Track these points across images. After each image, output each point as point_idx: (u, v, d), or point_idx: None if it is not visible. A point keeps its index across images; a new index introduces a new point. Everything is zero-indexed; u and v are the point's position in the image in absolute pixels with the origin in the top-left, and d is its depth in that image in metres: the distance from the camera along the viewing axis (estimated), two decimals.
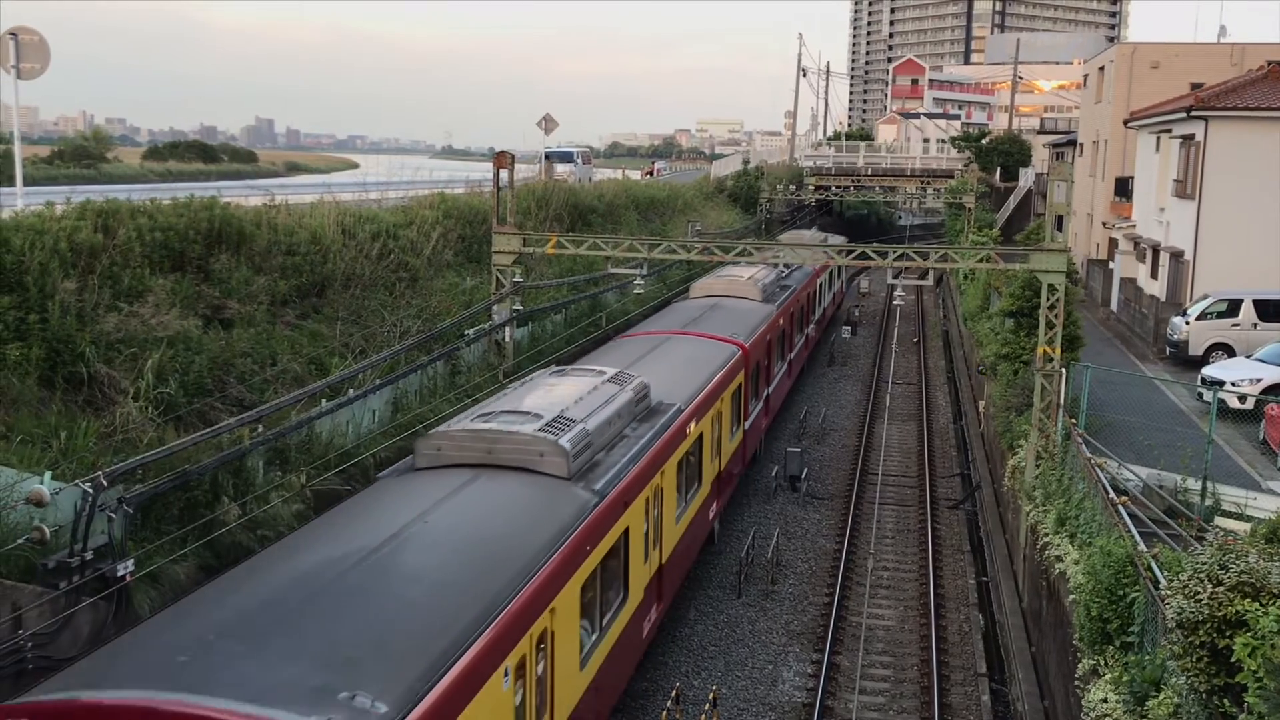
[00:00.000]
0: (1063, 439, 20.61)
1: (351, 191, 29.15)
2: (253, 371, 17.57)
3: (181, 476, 13.75)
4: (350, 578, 10.23)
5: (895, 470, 32.67)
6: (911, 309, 62.40)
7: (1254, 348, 29.29)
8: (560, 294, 29.34)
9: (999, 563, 23.45)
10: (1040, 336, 21.85)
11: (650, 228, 44.35)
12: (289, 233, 21.64)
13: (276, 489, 15.56)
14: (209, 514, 14.26)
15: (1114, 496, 15.66)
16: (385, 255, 24.05)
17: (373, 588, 10.18)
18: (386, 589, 10.22)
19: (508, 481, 13.66)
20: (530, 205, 32.94)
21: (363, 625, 9.42)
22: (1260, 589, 10.57)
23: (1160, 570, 12.38)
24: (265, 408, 15.83)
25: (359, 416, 18.44)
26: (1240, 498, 18.36)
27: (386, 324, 21.75)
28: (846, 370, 46.82)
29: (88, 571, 12.24)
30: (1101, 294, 47.41)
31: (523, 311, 25.07)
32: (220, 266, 19.22)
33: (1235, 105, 35.76)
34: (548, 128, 43.24)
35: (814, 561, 25.29)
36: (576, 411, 15.84)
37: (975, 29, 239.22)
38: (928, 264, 24.26)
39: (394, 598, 10.09)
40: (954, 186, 71.08)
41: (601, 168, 77.37)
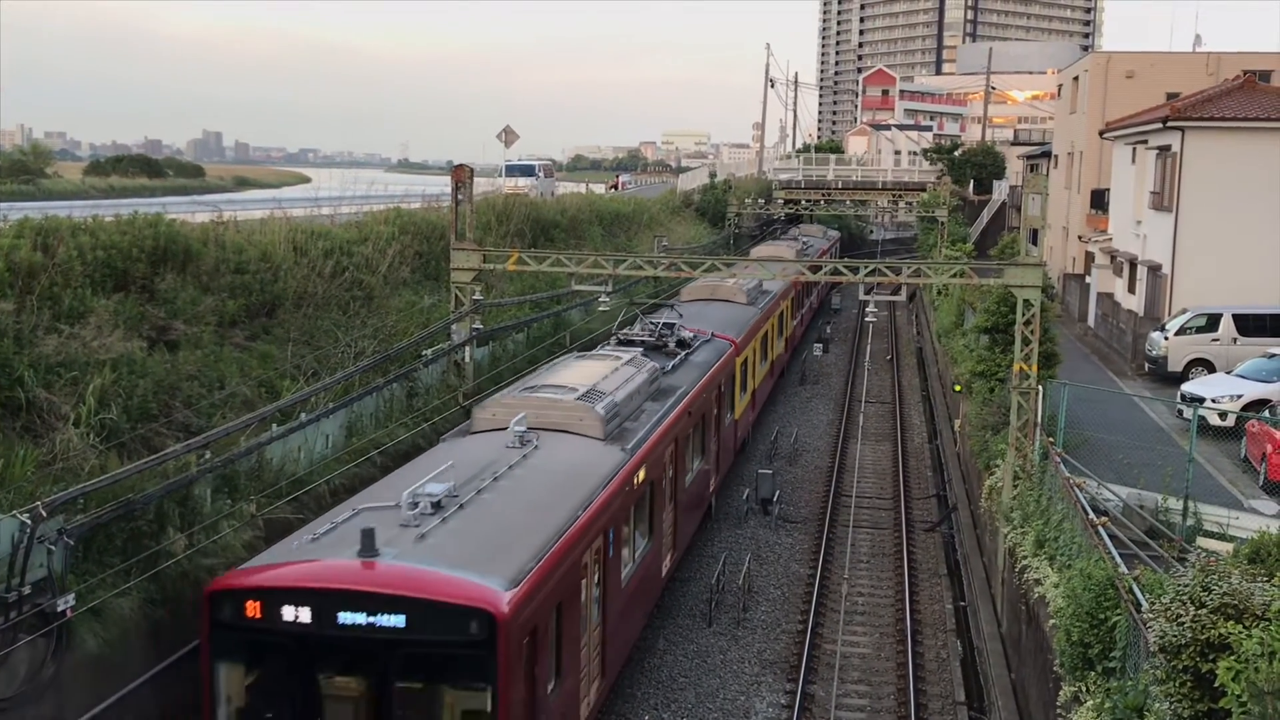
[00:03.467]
0: (1040, 458, 20.76)
1: (303, 207, 29.00)
2: (200, 395, 17.42)
3: (125, 506, 13.59)
4: (464, 498, 14.36)
5: (869, 492, 32.78)
6: (884, 326, 62.76)
7: (1234, 363, 29.60)
8: (522, 312, 29.29)
9: (977, 587, 23.54)
10: (1016, 353, 22.02)
11: (615, 243, 44.41)
12: (238, 250, 21.51)
13: (226, 518, 15.41)
14: (154, 545, 14.10)
15: (1093, 517, 15.78)
16: (339, 273, 23.93)
17: (486, 506, 14.47)
18: (496, 508, 14.52)
19: (555, 440, 17.66)
20: (490, 220, 32.91)
21: (487, 527, 13.85)
22: (1243, 611, 10.67)
23: (1142, 593, 12.48)
24: (213, 433, 15.69)
25: (312, 442, 18.31)
26: (1222, 517, 18.55)
27: (340, 345, 21.63)
28: (819, 389, 46.98)
29: (25, 607, 12.06)
30: (1078, 309, 47.88)
31: (483, 331, 25.00)
32: (166, 286, 19.06)
33: (1212, 116, 36.25)
34: (508, 140, 43.24)
35: (787, 587, 25.30)
36: (605, 386, 20.06)
37: (947, 38, 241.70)
38: (900, 279, 24.41)
39: (504, 512, 14.48)
40: (926, 200, 71.65)
41: (564, 181, 77.42)
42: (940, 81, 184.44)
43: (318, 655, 12.27)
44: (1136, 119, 41.74)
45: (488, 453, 16.56)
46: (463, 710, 12.42)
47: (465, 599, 12.17)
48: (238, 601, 12.25)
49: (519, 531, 14.05)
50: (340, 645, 12.17)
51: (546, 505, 15.15)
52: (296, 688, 12.32)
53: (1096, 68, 52.71)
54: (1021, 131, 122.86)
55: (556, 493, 15.72)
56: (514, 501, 14.95)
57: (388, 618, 12.02)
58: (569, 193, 54.42)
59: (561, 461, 16.95)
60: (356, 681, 12.36)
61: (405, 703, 12.20)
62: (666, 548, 21.89)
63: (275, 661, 12.41)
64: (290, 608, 12.09)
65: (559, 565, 13.99)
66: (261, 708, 12.45)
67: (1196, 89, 42.94)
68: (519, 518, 14.50)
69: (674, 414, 21.79)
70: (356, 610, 12.04)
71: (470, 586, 12.33)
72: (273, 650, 12.33)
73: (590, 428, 18.36)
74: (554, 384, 19.68)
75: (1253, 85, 39.37)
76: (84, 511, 13.22)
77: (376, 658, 12.15)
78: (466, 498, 14.43)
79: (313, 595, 12.12)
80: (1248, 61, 49.05)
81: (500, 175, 49.00)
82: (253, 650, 12.50)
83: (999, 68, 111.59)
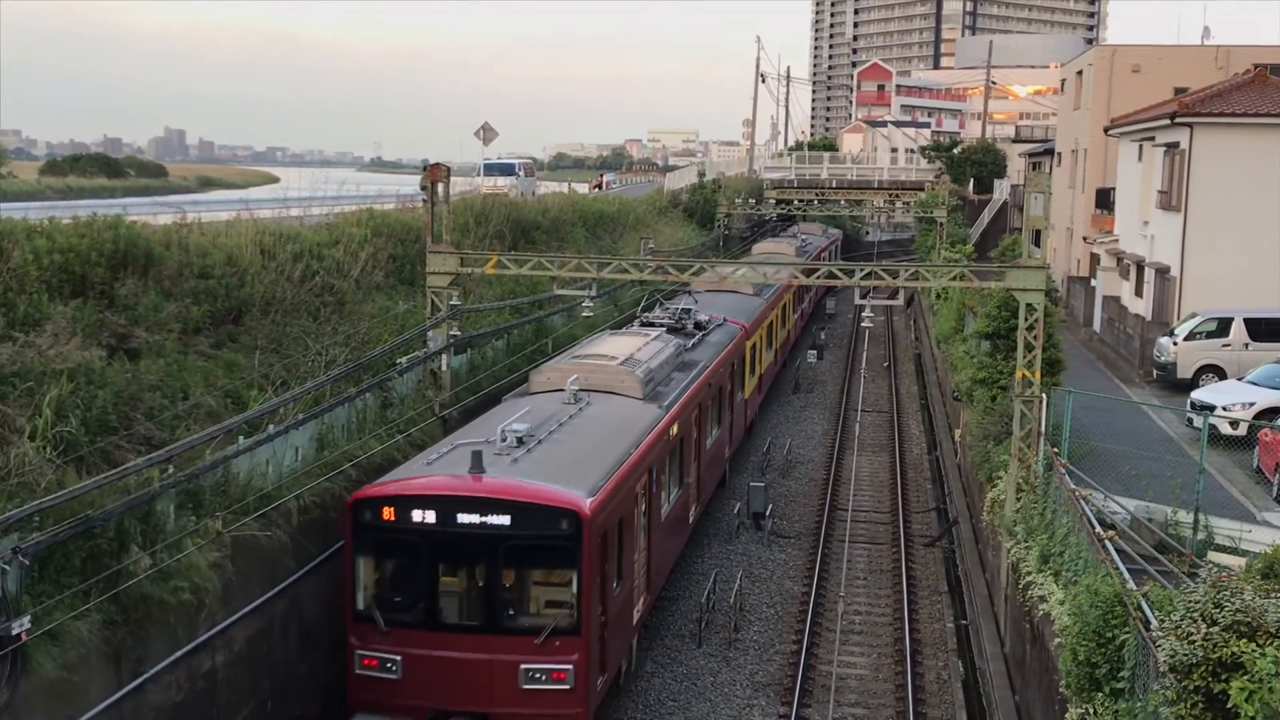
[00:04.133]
0: (1044, 470, 20.81)
1: (271, 208, 28.89)
2: (162, 406, 17.34)
3: (84, 523, 13.52)
4: (540, 436, 18.73)
5: (866, 505, 32.83)
6: (881, 331, 62.91)
7: (1246, 369, 29.70)
8: (502, 318, 29.25)
9: (979, 604, 23.58)
10: (1019, 360, 22.08)
11: (599, 245, 44.42)
12: (202, 254, 21.43)
13: (190, 535, 15.35)
14: (115, 564, 14.04)
15: (1100, 531, 15.81)
16: (309, 277, 23.87)
17: (559, 442, 18.88)
18: (566, 443, 18.97)
19: (602, 399, 22.03)
20: (468, 221, 32.87)
21: (567, 456, 18.30)
22: (1257, 628, 10.70)
23: (1151, 610, 12.50)
24: (176, 446, 15.63)
25: (280, 455, 18.25)
26: (1234, 530, 18.61)
27: (310, 353, 21.56)
28: (813, 398, 47.07)
29: None
30: (1083, 313, 48.06)
31: (461, 337, 24.97)
32: (126, 292, 18.98)
33: (1222, 111, 36.43)
34: (486, 138, 43.27)
35: (780, 606, 25.31)
36: (640, 355, 24.72)
37: (945, 31, 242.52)
38: (897, 283, 24.47)
39: (576, 445, 19.09)
40: (924, 199, 71.89)
41: (546, 181, 77.42)
42: (938, 76, 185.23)
43: (439, 548, 16.94)
44: (1143, 115, 41.94)
45: (548, 407, 20.86)
46: (553, 594, 17.19)
47: (557, 502, 16.82)
48: (375, 508, 16.88)
49: (588, 461, 18.54)
50: (458, 540, 16.83)
51: (605, 444, 19.73)
52: (422, 574, 17.06)
53: (1101, 62, 52.97)
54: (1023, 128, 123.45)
55: (610, 437, 20.26)
56: (579, 441, 19.50)
57: (496, 518, 16.65)
58: (551, 193, 54.41)
59: (610, 415, 21.44)
60: (471, 569, 17.11)
61: (511, 586, 17.19)
62: (693, 499, 26.50)
63: (405, 554, 17.23)
64: (419, 511, 16.76)
65: (620, 488, 18.55)
66: (393, 592, 17.43)
67: (1205, 84, 43.19)
68: (586, 452, 19.02)
69: (697, 384, 26.31)
70: (471, 512, 16.68)
71: (560, 493, 16.95)
72: (403, 546, 17.08)
73: (631, 389, 22.94)
74: (597, 354, 24.72)
75: (1264, 79, 39.56)
76: (40, 529, 13.14)
77: (487, 550, 16.87)
78: (542, 435, 18.86)
79: (437, 501, 16.80)
80: (1259, 55, 49.31)
81: (478, 174, 48.99)
82: (386, 546, 17.25)
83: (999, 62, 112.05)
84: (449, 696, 16.78)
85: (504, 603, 17.04)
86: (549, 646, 16.71)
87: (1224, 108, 36.63)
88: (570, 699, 16.80)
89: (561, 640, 16.77)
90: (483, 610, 17.07)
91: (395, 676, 16.87)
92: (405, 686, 16.86)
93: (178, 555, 14.96)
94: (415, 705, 16.76)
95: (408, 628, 16.98)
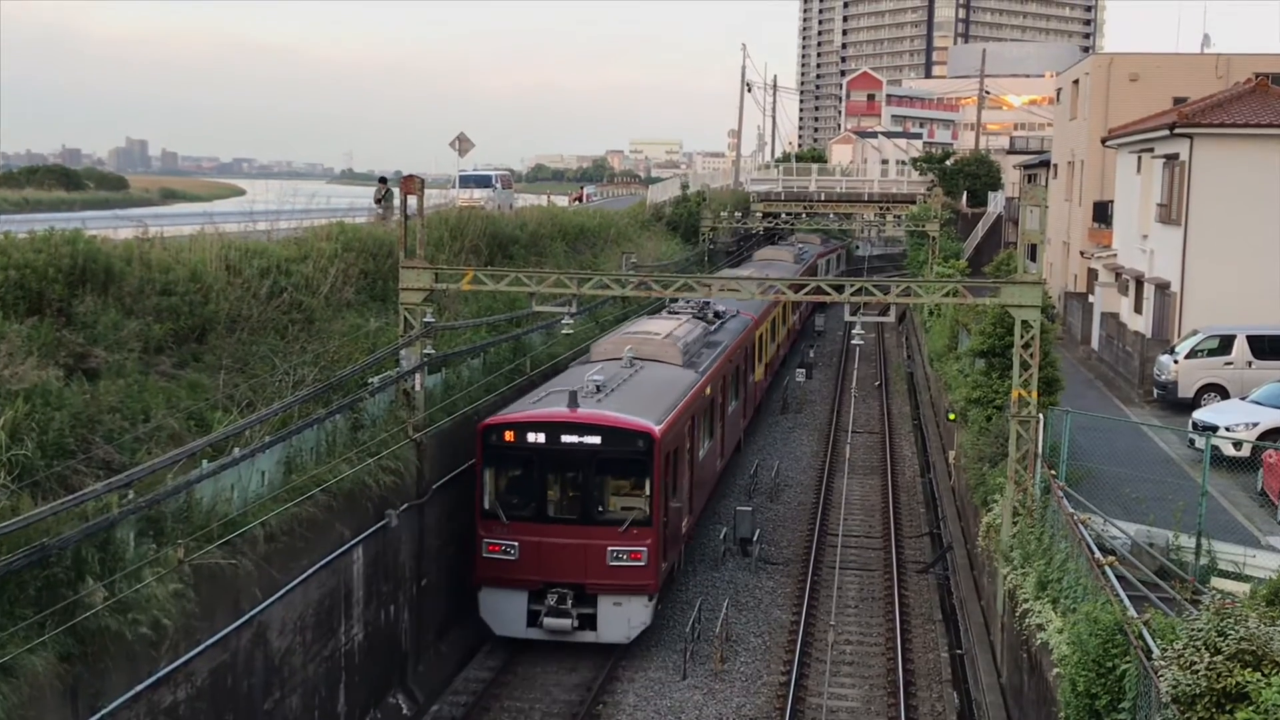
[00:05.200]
0: (1042, 493, 20.86)
1: (237, 221, 28.77)
2: (122, 429, 17.24)
3: (39, 551, 13.42)
4: (620, 381, 26.05)
5: (857, 530, 32.84)
6: (872, 349, 63.06)
7: (1249, 388, 29.84)
8: (478, 335, 29.19)
9: (974, 633, 23.60)
10: (1015, 378, 22.14)
11: (579, 260, 44.42)
12: (165, 269, 21.34)
13: (150, 564, 15.25)
14: (72, 594, 13.93)
15: (1100, 556, 15.85)
16: (276, 294, 23.78)
17: (626, 391, 25.69)
18: (632, 391, 25.83)
19: (651, 364, 28.89)
20: (443, 236, 32.81)
21: (635, 399, 24.98)
22: (1262, 657, 10.73)
23: (1152, 638, 12.52)
24: (137, 471, 15.53)
25: (246, 479, 18.15)
26: (1238, 555, 18.68)
27: (278, 372, 21.47)
28: (801, 418, 47.12)
29: None
30: (1081, 330, 48.27)
31: (435, 356, 24.92)
32: (85, 309, 18.88)
33: (1223, 121, 36.67)
34: (462, 149, 43.23)
35: (768, 635, 25.28)
36: (678, 333, 31.99)
37: (937, 39, 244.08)
38: (888, 299, 24.53)
39: (644, 388, 26.11)
40: (916, 213, 72.13)
41: (524, 193, 77.38)
42: (930, 85, 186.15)
43: (547, 461, 24.21)
44: (1141, 125, 42.22)
45: (611, 369, 27.46)
46: (631, 496, 24.35)
47: (635, 426, 24.07)
48: (500, 432, 24.12)
49: (650, 403, 25.63)
50: (561, 455, 24.06)
51: (659, 394, 26.74)
52: (534, 481, 24.39)
53: (1098, 70, 53.31)
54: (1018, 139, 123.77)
55: (662, 389, 27.20)
56: (640, 391, 26.52)
57: (590, 438, 23.85)
58: (529, 205, 54.40)
59: (659, 375, 28.35)
60: (571, 476, 24.36)
61: (600, 489, 24.35)
62: (719, 453, 33.08)
63: (521, 466, 24.49)
64: (532, 434, 23.94)
65: (675, 424, 25.56)
66: (511, 494, 24.50)
67: (1205, 93, 43.46)
68: (647, 397, 26.10)
69: (721, 359, 32.91)
70: (571, 434, 23.84)
71: (636, 421, 24.21)
72: (519, 459, 24.35)
73: (673, 357, 29.99)
74: (643, 330, 32.02)
75: (1266, 88, 39.86)
76: None
77: (583, 462, 24.00)
78: (613, 386, 25.90)
79: (546, 425, 23.98)
80: (1260, 63, 49.70)
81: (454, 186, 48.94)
82: (507, 460, 24.41)
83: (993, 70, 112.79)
84: (554, 572, 23.68)
85: (596, 501, 24.26)
86: (629, 534, 23.75)
87: (1225, 118, 36.87)
88: (644, 573, 23.81)
89: (638, 530, 23.81)
90: (580, 507, 24.23)
91: (513, 558, 23.83)
92: (520, 565, 23.82)
93: (137, 585, 14.85)
94: (528, 579, 23.80)
95: (523, 521, 23.97)
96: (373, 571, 21.15)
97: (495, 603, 24.10)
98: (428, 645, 23.87)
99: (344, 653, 20.11)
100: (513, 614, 24.01)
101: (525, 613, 23.89)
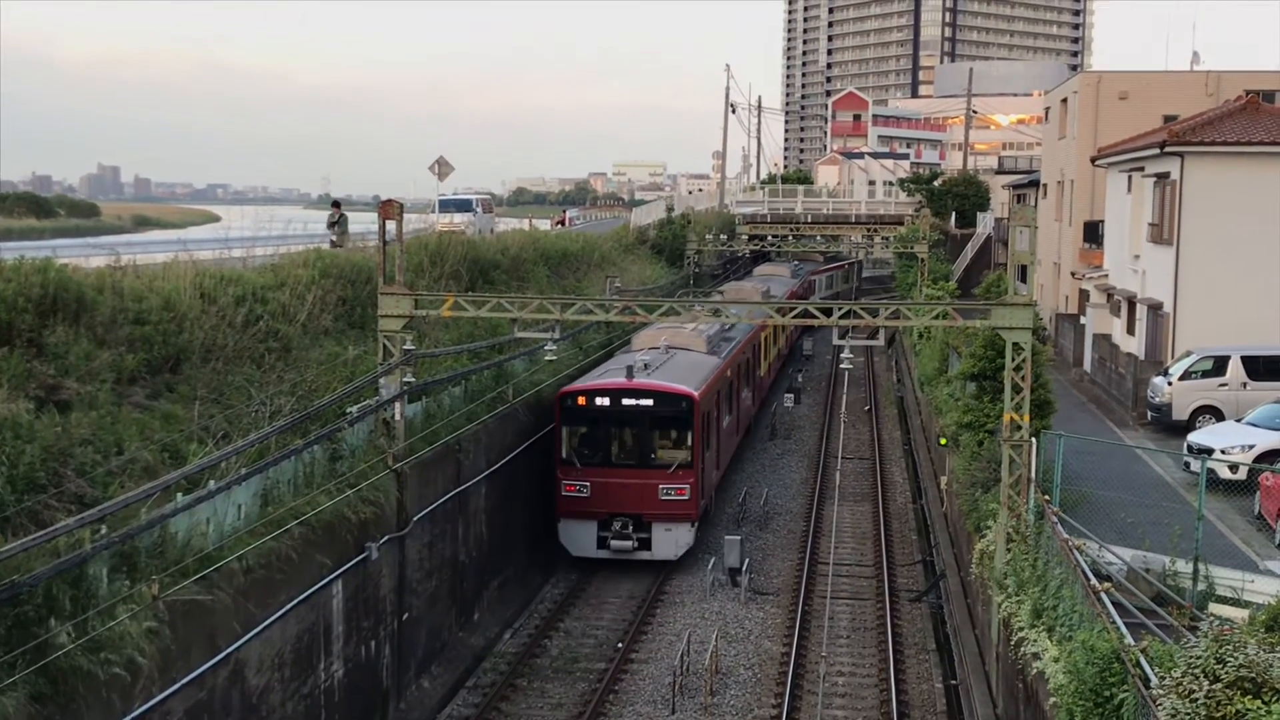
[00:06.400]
0: (1035, 518, 20.87)
1: (211, 249, 28.76)
2: (95, 462, 17.16)
3: (9, 589, 13.34)
4: (660, 362, 34.43)
5: (848, 559, 32.82)
6: (861, 373, 63.13)
7: (1244, 410, 29.93)
8: (459, 363, 29.17)
9: (969, 663, 23.57)
10: (1006, 402, 22.18)
11: (562, 285, 44.44)
12: (137, 298, 21.28)
13: (124, 601, 15.15)
14: (43, 633, 13.83)
15: (1095, 583, 15.86)
16: (252, 322, 23.74)
17: (667, 368, 33.94)
18: (672, 368, 34.13)
19: (681, 352, 36.21)
20: (423, 261, 32.82)
21: (675, 373, 33.74)
22: (1262, 684, 10.73)
23: (1150, 666, 12.52)
24: (110, 505, 15.45)
25: (222, 513, 18.08)
26: (1236, 580, 18.69)
27: (254, 403, 21.41)
28: (790, 444, 47.15)
29: None
30: (1073, 352, 48.39)
31: (415, 384, 24.88)
32: (56, 340, 18.82)
33: (1214, 140, 36.89)
34: (442, 173, 43.27)
35: (758, 668, 25.21)
36: (701, 327, 38.67)
37: (923, 58, 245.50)
38: (877, 322, 24.57)
39: (680, 367, 34.64)
40: (904, 234, 72.45)
41: (505, 217, 77.45)
42: (917, 105, 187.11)
43: (611, 419, 31.68)
44: (1131, 144, 42.47)
45: (651, 355, 35.14)
46: (677, 447, 31.88)
47: (679, 391, 31.78)
48: (574, 397, 31.65)
49: (687, 376, 33.52)
50: (622, 414, 31.60)
51: (693, 370, 34.53)
52: (601, 434, 31.79)
53: (1087, 88, 53.62)
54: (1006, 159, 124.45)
55: (695, 368, 34.99)
56: (679, 368, 34.29)
57: (645, 400, 31.38)
58: (510, 230, 54.47)
59: (691, 359, 36.14)
60: (630, 431, 31.87)
61: (653, 440, 31.85)
62: (735, 428, 40.65)
63: (590, 423, 31.90)
64: (599, 398, 31.49)
65: (708, 392, 33.23)
66: (583, 446, 31.77)
67: (1196, 111, 43.77)
68: (684, 372, 34.00)
69: (736, 349, 40.90)
70: (630, 398, 31.32)
71: (680, 387, 31.94)
72: (590, 418, 31.82)
73: (699, 346, 37.83)
74: (672, 325, 36.53)
75: (1256, 106, 40.16)
76: None
77: (639, 419, 31.64)
78: (657, 365, 33.74)
79: (611, 391, 31.59)
80: (1250, 81, 50.07)
81: (433, 211, 48.97)
82: (578, 419, 31.85)
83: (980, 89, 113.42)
84: (617, 505, 31.10)
85: (650, 450, 31.90)
86: (675, 475, 31.31)
87: (1216, 136, 37.09)
88: (687, 505, 31.42)
89: (682, 472, 31.41)
90: (638, 454, 31.90)
91: (585, 495, 31.22)
92: (591, 500, 31.16)
93: (111, 623, 14.76)
94: (597, 511, 31.20)
95: (593, 466, 31.56)
96: (353, 606, 21.05)
97: (571, 531, 31.51)
98: (409, 682, 23.75)
99: (323, 690, 19.99)
100: (586, 539, 31.35)
101: (595, 538, 31.24)
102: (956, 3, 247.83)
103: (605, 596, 30.01)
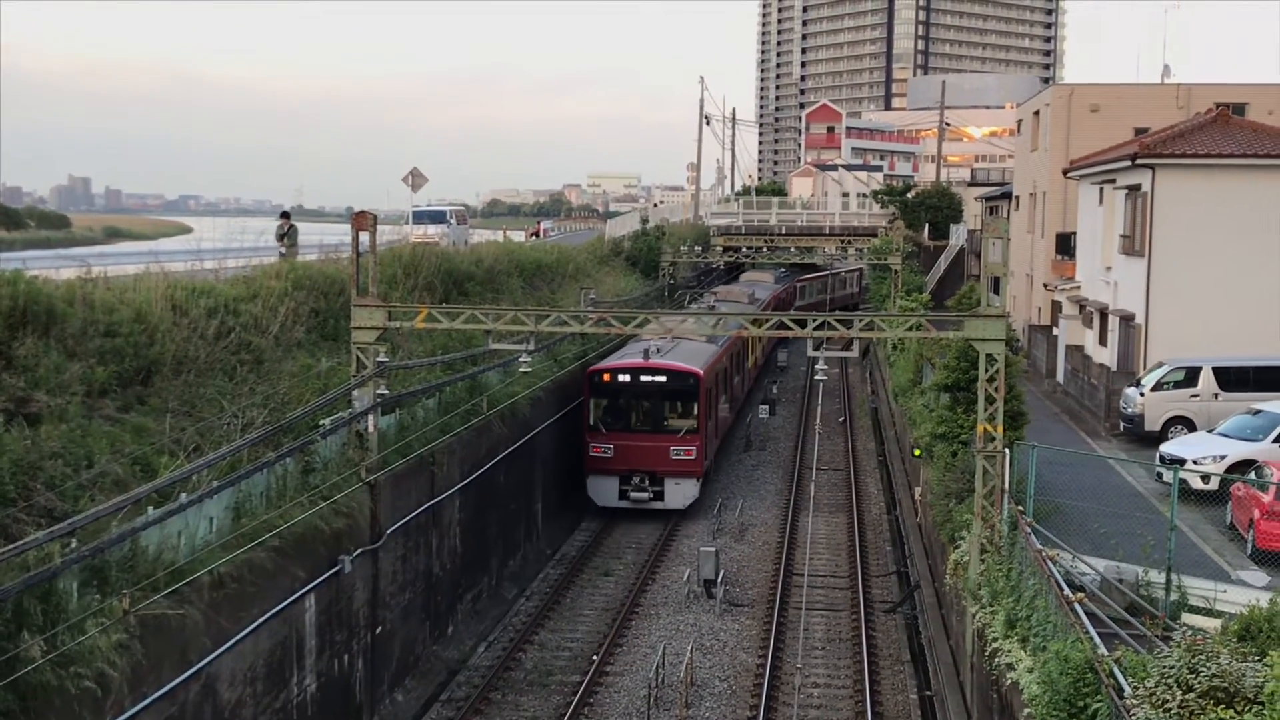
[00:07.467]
0: (1009, 529, 20.94)
1: (183, 260, 28.66)
2: (65, 475, 17.05)
3: None
4: (670, 347, 40.58)
5: (823, 570, 32.86)
6: (836, 384, 63.29)
7: (1216, 421, 30.11)
8: (433, 375, 29.10)
9: (943, 674, 23.61)
10: (979, 413, 22.26)
11: (537, 297, 44.41)
12: (108, 310, 21.18)
13: (94, 615, 15.04)
14: (12, 648, 13.72)
15: (1069, 593, 15.91)
16: (224, 334, 23.65)
17: (676, 351, 40.53)
18: (679, 352, 40.47)
19: (686, 340, 40.64)
20: (396, 273, 32.76)
21: (682, 355, 40.18)
22: (1235, 694, 10.79)
23: (1124, 676, 12.57)
24: (79, 518, 15.35)
25: (193, 526, 17.98)
26: (1209, 590, 18.79)
27: (226, 415, 21.32)
28: (765, 456, 47.21)
29: None
30: (1045, 364, 48.65)
31: (388, 396, 24.81)
32: (25, 352, 18.71)
33: (1184, 152, 37.20)
34: (416, 184, 43.19)
35: (733, 680, 25.20)
36: None
37: (896, 71, 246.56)
38: (851, 334, 24.63)
39: (687, 350, 41.05)
40: (878, 246, 72.66)
41: (479, 228, 77.38)
42: (890, 117, 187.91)
43: (631, 391, 38.74)
44: (1103, 156, 42.76)
45: (660, 342, 39.41)
46: (685, 416, 38.62)
47: (688, 369, 38.89)
48: (600, 374, 38.59)
49: (693, 357, 39.75)
50: (640, 387, 38.58)
51: (697, 353, 40.37)
52: (623, 404, 38.90)
53: (1059, 101, 53.98)
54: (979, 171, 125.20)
55: (698, 352, 40.67)
56: (685, 352, 39.94)
57: (659, 377, 38.50)
58: (485, 241, 54.40)
59: (693, 345, 41.34)
60: (647, 401, 38.69)
61: (665, 409, 38.79)
62: (728, 410, 46.58)
63: (614, 395, 38.84)
64: (621, 375, 38.55)
65: (710, 371, 39.87)
66: (607, 415, 38.64)
67: (1167, 123, 44.13)
68: (690, 355, 39.92)
69: (730, 341, 45.00)
70: (647, 375, 38.37)
71: (688, 366, 39.04)
72: (613, 391, 38.76)
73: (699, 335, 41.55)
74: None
75: (1226, 119, 40.53)
76: None
77: (654, 393, 38.67)
78: (667, 348, 39.68)
79: (630, 369, 38.55)
80: (1220, 94, 50.53)
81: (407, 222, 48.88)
82: (604, 391, 38.70)
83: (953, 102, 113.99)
84: (636, 463, 37.62)
85: (663, 417, 38.36)
86: (684, 439, 37.79)
87: (1186, 148, 37.39)
88: (694, 463, 37.94)
89: (689, 436, 37.90)
90: (653, 421, 38.34)
91: (610, 455, 37.67)
92: (614, 459, 37.67)
93: (81, 638, 14.65)
94: (619, 469, 37.65)
95: (615, 430, 37.98)
96: (325, 620, 20.95)
97: (598, 484, 38.06)
98: (382, 696, 23.64)
99: (295, 705, 19.88)
100: (609, 492, 37.93)
101: (617, 490, 37.77)
102: (930, 15, 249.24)
103: (580, 608, 29.96)
